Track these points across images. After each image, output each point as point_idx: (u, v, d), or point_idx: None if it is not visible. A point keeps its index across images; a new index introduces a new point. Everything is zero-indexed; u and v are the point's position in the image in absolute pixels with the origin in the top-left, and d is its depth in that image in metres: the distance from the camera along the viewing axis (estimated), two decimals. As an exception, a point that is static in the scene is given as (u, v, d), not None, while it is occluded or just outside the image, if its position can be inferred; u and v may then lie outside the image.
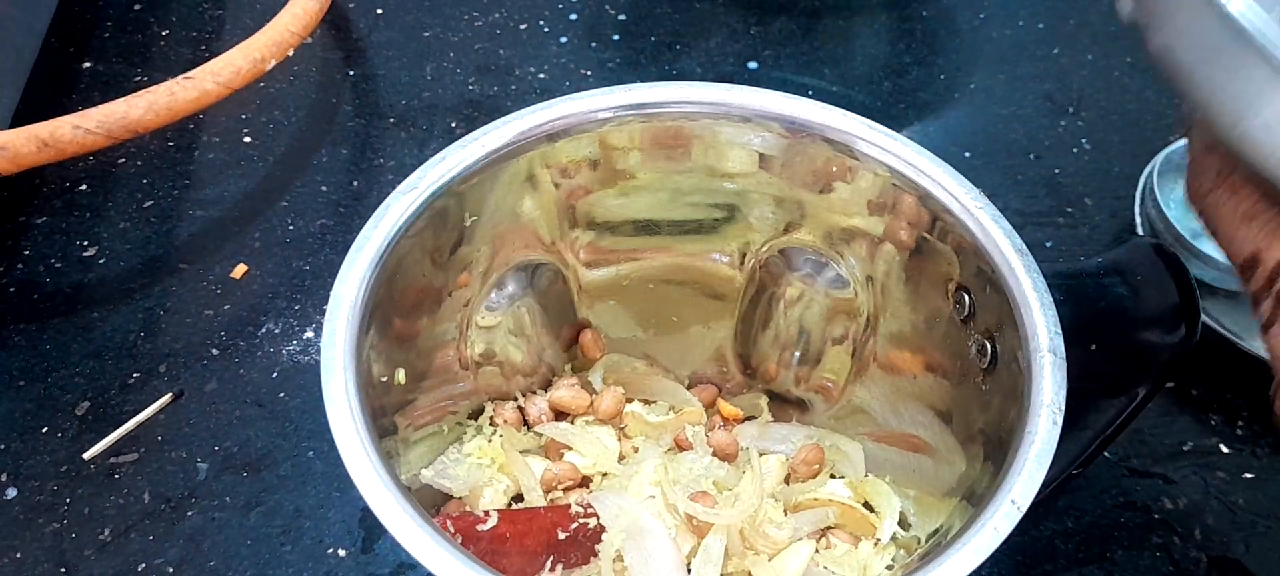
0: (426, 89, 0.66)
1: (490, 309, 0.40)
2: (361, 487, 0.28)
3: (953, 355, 0.37)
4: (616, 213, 0.41)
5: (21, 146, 0.49)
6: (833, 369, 0.43)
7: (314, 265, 0.56)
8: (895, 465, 0.41)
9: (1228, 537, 0.47)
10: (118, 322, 0.52)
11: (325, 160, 0.61)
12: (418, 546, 0.27)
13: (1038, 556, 0.46)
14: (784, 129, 0.38)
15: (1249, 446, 0.50)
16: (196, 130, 0.63)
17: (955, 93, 0.67)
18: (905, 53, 0.69)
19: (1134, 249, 0.34)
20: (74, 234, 0.56)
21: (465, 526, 0.34)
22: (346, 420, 0.29)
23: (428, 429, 0.39)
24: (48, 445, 0.47)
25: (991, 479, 0.31)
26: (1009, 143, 0.64)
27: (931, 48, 0.70)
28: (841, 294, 0.41)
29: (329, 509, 0.46)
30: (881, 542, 0.38)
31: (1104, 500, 0.48)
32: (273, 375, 0.51)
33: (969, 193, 0.35)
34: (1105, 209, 0.60)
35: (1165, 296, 0.33)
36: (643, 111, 0.38)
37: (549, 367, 0.44)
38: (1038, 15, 0.71)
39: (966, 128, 0.65)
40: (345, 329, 0.31)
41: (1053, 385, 0.30)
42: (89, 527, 0.45)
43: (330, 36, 0.69)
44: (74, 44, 0.67)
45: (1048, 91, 0.67)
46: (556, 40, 0.69)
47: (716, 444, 0.42)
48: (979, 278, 0.34)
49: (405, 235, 0.34)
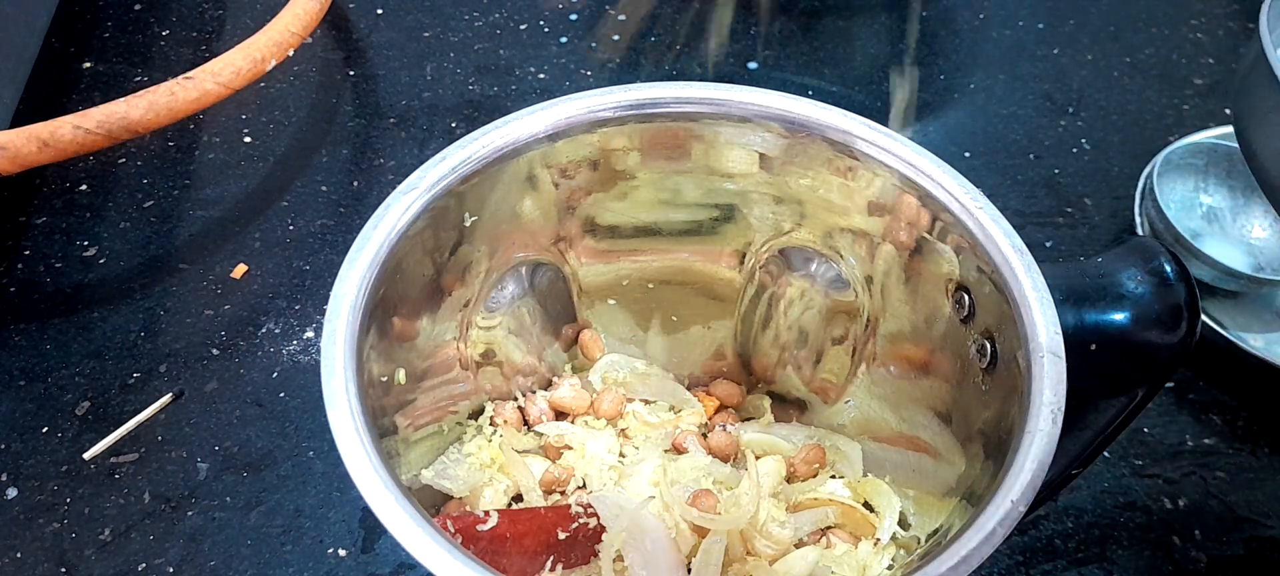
0: (426, 89, 0.66)
1: (490, 309, 0.40)
2: (361, 487, 0.28)
3: (953, 355, 0.37)
4: (616, 213, 0.41)
5: (21, 146, 0.49)
6: (833, 369, 0.43)
7: (314, 265, 0.56)
8: (895, 465, 0.41)
9: (1228, 537, 0.47)
10: (118, 322, 0.52)
11: (325, 160, 0.61)
12: (418, 546, 0.27)
13: (1038, 556, 0.46)
14: (784, 129, 0.38)
15: (1249, 446, 0.50)
16: (196, 130, 0.63)
17: (955, 93, 0.67)
18: (904, 53, 0.69)
19: (1134, 248, 0.34)
20: (74, 234, 0.57)
21: (465, 526, 0.34)
22: (346, 420, 0.29)
23: (428, 429, 0.39)
24: (48, 445, 0.47)
25: (991, 479, 0.30)
26: (1009, 143, 0.64)
27: (931, 48, 0.70)
28: (841, 294, 0.41)
29: (329, 509, 0.46)
30: (881, 542, 0.38)
31: (1104, 500, 0.48)
32: (273, 375, 0.51)
33: (969, 193, 0.35)
34: (1105, 209, 0.60)
35: (1165, 296, 0.33)
36: (642, 111, 0.38)
37: (549, 367, 0.44)
38: (1037, 15, 0.71)
39: (966, 128, 0.65)
40: (345, 329, 0.31)
41: (1053, 385, 0.30)
42: (89, 527, 0.45)
43: (330, 36, 0.69)
44: (74, 44, 0.67)
45: (1048, 91, 0.67)
46: (556, 40, 0.69)
47: (716, 444, 0.42)
48: (979, 277, 0.34)
49: (405, 235, 0.34)
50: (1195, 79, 0.69)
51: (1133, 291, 0.33)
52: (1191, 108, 0.67)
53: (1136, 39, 0.72)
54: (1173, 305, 0.33)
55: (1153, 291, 0.33)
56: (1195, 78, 0.69)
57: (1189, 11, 0.74)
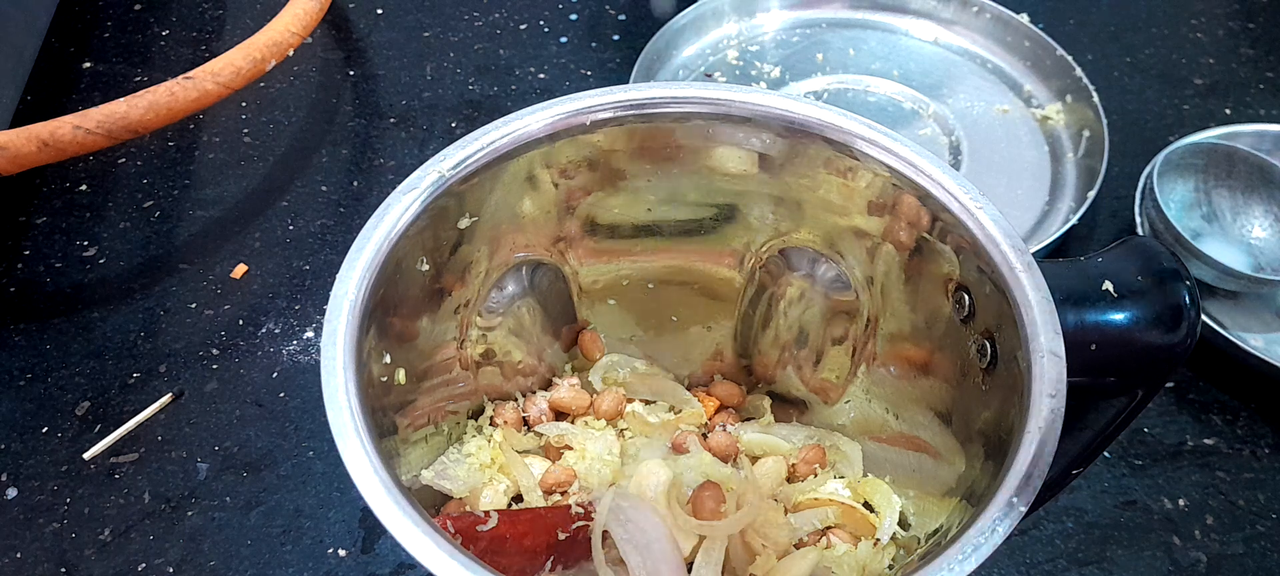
0: (426, 89, 0.66)
1: (490, 309, 0.40)
2: (361, 488, 0.28)
3: (953, 355, 0.37)
4: (616, 213, 0.41)
5: (21, 146, 0.49)
6: (833, 369, 0.43)
7: (314, 265, 0.56)
8: (895, 465, 0.41)
9: (1228, 537, 0.47)
10: (118, 322, 0.52)
11: (325, 160, 0.61)
12: (418, 546, 0.27)
13: (1038, 556, 0.46)
14: (783, 129, 0.38)
15: (1249, 446, 0.50)
16: (196, 130, 0.63)
17: (955, 93, 0.67)
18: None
19: (1134, 248, 0.34)
20: (74, 234, 0.57)
21: (465, 526, 0.34)
22: (346, 420, 0.29)
23: (428, 429, 0.39)
24: (48, 445, 0.47)
25: (991, 479, 0.30)
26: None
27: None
28: (841, 294, 0.41)
29: (329, 509, 0.46)
30: (881, 542, 0.38)
31: (1104, 500, 0.48)
32: (273, 375, 0.51)
33: (969, 193, 0.35)
34: (1105, 209, 0.60)
35: (1165, 296, 0.33)
36: (642, 111, 0.38)
37: (549, 367, 0.44)
38: (1037, 15, 0.71)
39: (966, 128, 0.65)
40: (345, 329, 0.31)
41: (1053, 385, 0.30)
42: (89, 527, 0.45)
43: (330, 36, 0.69)
44: (74, 44, 0.67)
45: (1048, 91, 0.67)
46: (556, 40, 0.69)
47: (716, 444, 0.42)
48: (979, 277, 0.34)
49: (405, 235, 0.34)
50: (1195, 79, 0.69)
51: (1133, 291, 0.33)
52: (1191, 108, 0.67)
53: (1136, 39, 0.72)
54: (1173, 305, 0.33)
55: (1153, 291, 0.33)
56: (1195, 78, 0.69)
57: (1189, 11, 0.74)
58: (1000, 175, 0.61)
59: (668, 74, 0.65)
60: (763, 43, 0.68)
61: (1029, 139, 0.63)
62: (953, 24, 0.69)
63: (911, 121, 0.64)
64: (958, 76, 0.66)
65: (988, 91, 0.66)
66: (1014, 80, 0.66)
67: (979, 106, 0.64)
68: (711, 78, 0.66)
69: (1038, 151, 0.62)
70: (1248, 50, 0.71)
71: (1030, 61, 0.66)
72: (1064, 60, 0.64)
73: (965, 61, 0.67)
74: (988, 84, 0.66)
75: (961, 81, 0.66)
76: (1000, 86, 0.66)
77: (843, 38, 0.69)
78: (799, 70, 0.67)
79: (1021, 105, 0.65)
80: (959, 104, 0.64)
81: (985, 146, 0.62)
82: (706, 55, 0.67)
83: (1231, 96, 0.68)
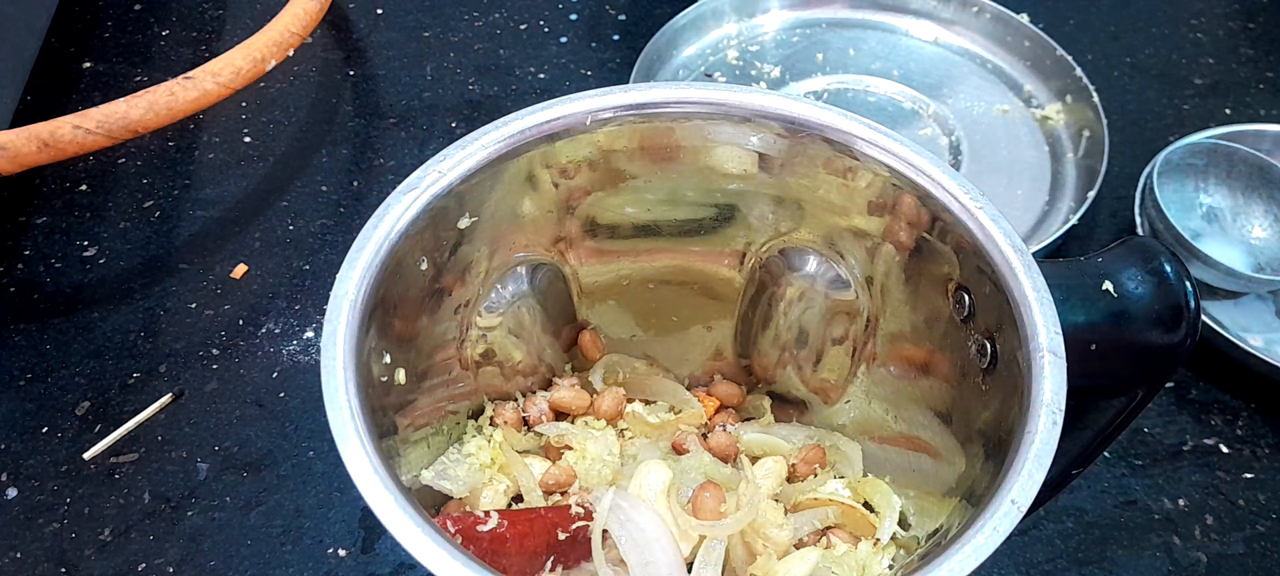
0: (426, 89, 0.66)
1: (490, 309, 0.40)
2: (361, 488, 0.28)
3: (953, 355, 0.37)
4: (616, 213, 0.41)
5: (21, 146, 0.49)
6: (833, 369, 0.43)
7: (314, 265, 0.56)
8: (895, 465, 0.41)
9: (1228, 537, 0.47)
10: (118, 322, 0.52)
11: (325, 160, 0.61)
12: (418, 546, 0.27)
13: (1038, 556, 0.46)
14: (783, 129, 0.38)
15: (1249, 446, 0.50)
16: (196, 130, 0.63)
17: (955, 93, 0.67)
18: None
19: (1134, 248, 0.34)
20: (74, 234, 0.57)
21: (465, 526, 0.34)
22: (346, 420, 0.29)
23: (428, 429, 0.39)
24: (48, 445, 0.47)
25: (991, 479, 0.30)
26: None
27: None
28: (841, 294, 0.41)
29: (329, 509, 0.46)
30: (881, 542, 0.38)
31: (1104, 500, 0.48)
32: (273, 375, 0.51)
33: (969, 193, 0.35)
34: (1105, 209, 0.60)
35: (1165, 296, 0.33)
36: (642, 111, 0.38)
37: (549, 367, 0.44)
38: (1037, 15, 0.71)
39: (966, 128, 0.65)
40: (345, 329, 0.31)
41: (1053, 385, 0.30)
42: (89, 527, 0.45)
43: (330, 36, 0.69)
44: (74, 44, 0.67)
45: (1048, 91, 0.67)
46: (556, 40, 0.69)
47: (716, 444, 0.42)
48: (979, 277, 0.34)
49: (405, 235, 0.34)
50: (1195, 79, 0.69)
51: (1133, 291, 0.33)
52: (1191, 108, 0.67)
53: (1136, 39, 0.72)
54: (1173, 305, 0.33)
55: (1153, 291, 0.33)
56: (1195, 78, 0.69)
57: (1189, 11, 0.74)
58: (1000, 175, 0.61)
59: (668, 74, 0.65)
60: (763, 43, 0.68)
61: (1029, 139, 0.63)
62: (953, 24, 0.69)
63: (911, 121, 0.64)
64: (958, 76, 0.66)
65: (988, 91, 0.66)
66: (1014, 80, 0.66)
67: (979, 106, 0.64)
68: (711, 78, 0.66)
69: (1038, 151, 0.62)
70: (1248, 50, 0.71)
71: (1030, 61, 0.66)
72: (1064, 60, 0.64)
73: (965, 61, 0.67)
74: (988, 84, 0.66)
75: (961, 81, 0.66)
76: (1000, 86, 0.66)
77: (843, 38, 0.69)
78: (799, 70, 0.67)
79: (1021, 105, 0.65)
80: (959, 104, 0.65)
81: (985, 146, 0.62)
82: (706, 55, 0.67)
83: (1231, 96, 0.68)
